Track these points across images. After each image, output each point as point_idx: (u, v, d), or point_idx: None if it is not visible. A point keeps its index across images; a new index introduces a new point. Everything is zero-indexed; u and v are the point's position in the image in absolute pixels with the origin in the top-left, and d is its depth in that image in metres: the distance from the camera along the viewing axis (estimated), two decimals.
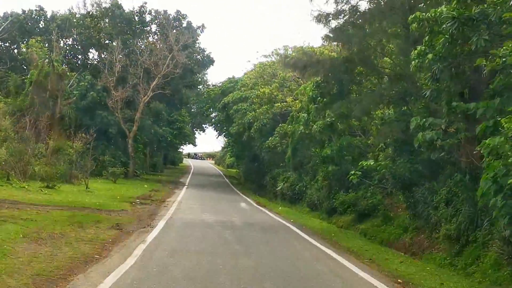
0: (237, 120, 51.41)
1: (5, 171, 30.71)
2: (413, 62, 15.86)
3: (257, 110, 37.32)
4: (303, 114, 30.96)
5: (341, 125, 27.34)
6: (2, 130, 35.91)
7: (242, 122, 49.56)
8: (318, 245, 18.73)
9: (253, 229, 22.09)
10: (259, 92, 38.33)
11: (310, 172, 37.96)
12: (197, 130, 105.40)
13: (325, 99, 24.28)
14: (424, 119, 15.80)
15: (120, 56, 50.37)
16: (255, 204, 37.19)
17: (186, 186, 50.80)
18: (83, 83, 49.59)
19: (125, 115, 51.71)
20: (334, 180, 30.92)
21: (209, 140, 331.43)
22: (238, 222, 24.28)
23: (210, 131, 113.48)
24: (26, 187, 29.31)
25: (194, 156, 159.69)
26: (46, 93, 46.21)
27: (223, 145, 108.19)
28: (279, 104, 34.22)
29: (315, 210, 33.91)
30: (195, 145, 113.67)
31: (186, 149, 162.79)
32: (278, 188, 41.85)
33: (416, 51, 15.65)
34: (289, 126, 40.64)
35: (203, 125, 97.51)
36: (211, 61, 59.29)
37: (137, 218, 21.92)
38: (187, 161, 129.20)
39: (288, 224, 25.63)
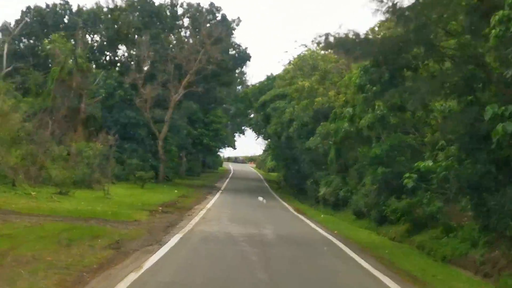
0: (274, 119, 47.54)
1: (12, 175, 27.46)
2: (492, 31, 12.40)
3: (296, 107, 33.36)
4: (347, 109, 26.89)
5: (393, 118, 23.19)
6: (16, 131, 32.78)
7: (280, 121, 45.68)
8: (370, 268, 14.59)
9: (287, 246, 18.11)
10: (297, 85, 34.35)
11: (356, 176, 33.83)
12: (236, 133, 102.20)
13: (374, 88, 20.16)
14: (504, 107, 12.35)
15: (150, 51, 46.96)
16: (293, 212, 33.24)
17: (220, 191, 47.19)
18: (110, 81, 46.49)
19: (155, 115, 48.31)
20: (384, 184, 26.73)
21: (250, 144, 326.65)
22: (270, 235, 20.36)
23: (251, 134, 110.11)
24: (34, 193, 26.00)
25: (235, 160, 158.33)
26: (69, 91, 43.30)
27: (263, 148, 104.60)
28: (320, 98, 30.24)
29: (361, 218, 29.78)
30: (234, 149, 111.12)
31: (226, 152, 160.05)
32: (320, 193, 37.79)
33: (497, 17, 12.24)
34: (332, 124, 36.61)
35: (242, 128, 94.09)
36: (247, 57, 55.26)
37: (148, 231, 18.15)
38: (227, 165, 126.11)
39: (330, 237, 21.58)
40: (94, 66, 50.16)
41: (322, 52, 34.14)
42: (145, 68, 47.12)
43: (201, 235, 18.41)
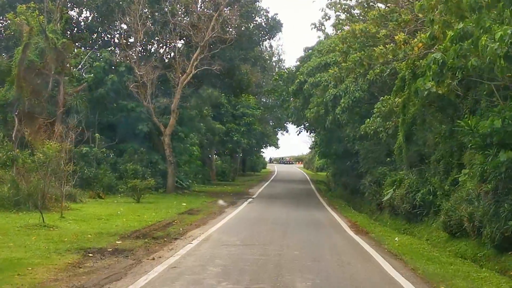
0: (315, 99, 35.69)
1: None
2: None
3: (343, 65, 21.77)
4: (433, 55, 14.92)
5: None
6: None
7: (322, 101, 33.82)
8: None
9: None
10: (344, 31, 22.48)
11: (441, 169, 22.12)
12: (278, 129, 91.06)
13: None
14: None
15: (147, 16, 35.69)
16: (349, 231, 21.36)
17: (250, 200, 35.86)
18: (98, 63, 35.57)
19: (160, 105, 37.22)
20: (508, 181, 14.99)
21: (297, 143, 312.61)
22: None
23: (295, 130, 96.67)
24: None
25: (281, 161, 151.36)
26: (42, 78, 32.88)
27: (310, 146, 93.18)
28: (381, 48, 18.61)
29: (460, 237, 17.97)
30: (277, 148, 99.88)
31: (270, 153, 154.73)
32: (385, 198, 25.83)
33: None
34: (397, 98, 24.93)
35: (285, 123, 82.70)
36: (277, 26, 43.03)
37: None
38: (272, 167, 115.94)
39: None
40: (82, 48, 39.43)
41: None
42: (139, 40, 35.87)
43: None
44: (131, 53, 35.87)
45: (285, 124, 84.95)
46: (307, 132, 60.03)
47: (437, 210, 21.59)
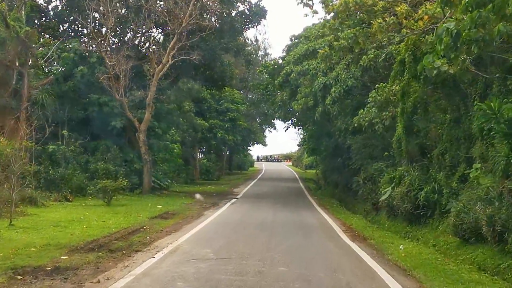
0: (302, 89, 32.77)
1: None
2: None
3: (335, 44, 18.88)
4: (445, 26, 12.08)
5: None
6: None
7: (311, 91, 30.90)
8: None
9: None
10: (336, 4, 19.37)
11: (447, 163, 19.40)
12: (266, 127, 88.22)
13: None
14: None
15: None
16: (344, 237, 18.50)
17: (234, 200, 33.03)
18: (67, 53, 32.52)
19: (135, 99, 34.16)
20: None
21: (286, 140, 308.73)
22: None
23: (282, 127, 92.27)
24: None
25: (269, 159, 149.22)
26: (2, 69, 29.95)
27: (298, 143, 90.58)
28: (379, 21, 15.69)
29: (476, 243, 15.22)
30: (265, 145, 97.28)
31: (256, 150, 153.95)
32: (383, 197, 22.96)
33: None
34: (395, 85, 22.21)
35: (271, 120, 79.83)
36: (262, 13, 39.70)
37: None
38: (260, 165, 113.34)
39: None
40: (52, 39, 36.32)
41: None
42: (110, 28, 32.77)
43: None
44: (101, 41, 32.72)
45: (272, 121, 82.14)
46: (295, 127, 57.13)
47: (443, 211, 18.87)
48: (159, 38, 35.70)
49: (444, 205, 18.78)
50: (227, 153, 75.33)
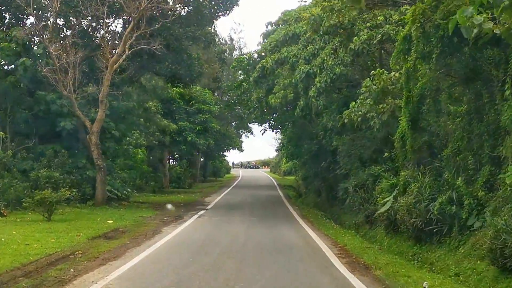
0: (281, 80, 28.25)
1: None
2: None
3: (324, 3, 14.51)
4: None
5: None
6: None
7: (290, 82, 26.38)
8: None
9: None
10: None
11: (469, 166, 15.17)
12: (243, 132, 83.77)
13: None
14: None
15: None
16: (339, 264, 13.90)
17: (202, 212, 28.47)
18: (6, 44, 27.73)
19: (87, 96, 29.39)
20: None
21: (261, 145, 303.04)
22: None
23: (266, 134, 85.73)
24: None
25: (247, 165, 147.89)
26: None
27: (276, 148, 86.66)
28: None
29: None
30: (241, 151, 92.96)
31: (232, 156, 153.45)
32: (383, 209, 18.48)
33: None
34: (393, 73, 18.00)
35: (247, 124, 75.18)
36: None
37: None
38: (237, 172, 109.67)
39: None
40: None
41: None
42: (54, 10, 27.95)
43: None
44: (44, 26, 27.86)
45: (248, 125, 77.59)
46: (272, 131, 52.50)
47: (462, 226, 14.55)
48: (115, 25, 30.99)
49: (465, 219, 14.48)
50: (201, 159, 70.83)
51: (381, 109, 19.21)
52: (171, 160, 61.32)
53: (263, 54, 32.18)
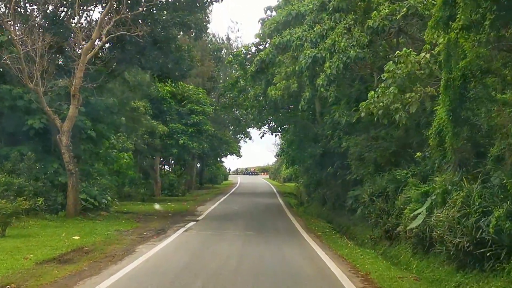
0: (283, 69, 24.40)
1: None
2: None
3: None
4: None
5: None
6: None
7: (293, 71, 22.51)
8: None
9: None
10: None
11: None
12: (241, 137, 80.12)
13: None
14: None
15: None
16: None
17: (191, 224, 24.60)
18: None
19: (58, 89, 25.47)
20: None
21: (260, 151, 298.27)
22: None
23: (265, 140, 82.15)
24: None
25: (246, 172, 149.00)
26: None
27: (276, 153, 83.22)
28: None
29: None
30: (239, 156, 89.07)
31: (231, 162, 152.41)
32: (413, 224, 14.54)
33: None
34: (423, 53, 14.24)
35: (246, 128, 71.52)
36: None
37: None
38: (235, 178, 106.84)
39: None
40: None
41: None
42: None
43: None
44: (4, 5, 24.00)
45: (246, 130, 73.84)
46: (272, 134, 48.54)
47: None
48: (92, 10, 27.09)
49: None
50: (197, 165, 67.13)
51: (408, 99, 15.27)
52: (165, 166, 57.77)
53: (261, 44, 28.23)
